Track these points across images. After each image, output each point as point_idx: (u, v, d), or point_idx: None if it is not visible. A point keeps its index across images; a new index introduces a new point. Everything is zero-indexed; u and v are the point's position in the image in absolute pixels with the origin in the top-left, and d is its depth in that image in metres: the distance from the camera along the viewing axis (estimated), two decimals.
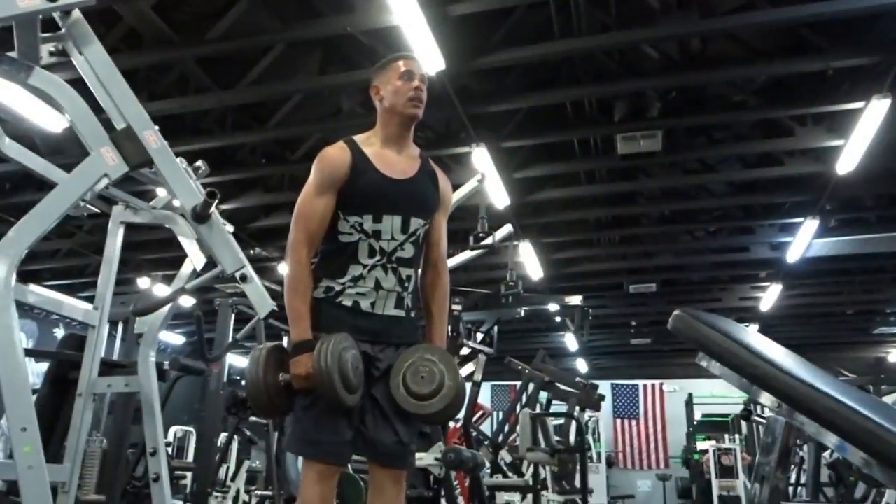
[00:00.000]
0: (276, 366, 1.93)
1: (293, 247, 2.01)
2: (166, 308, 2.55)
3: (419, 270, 2.15)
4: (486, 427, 10.41)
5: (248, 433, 6.51)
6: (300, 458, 2.06)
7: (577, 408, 7.23)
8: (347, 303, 2.01)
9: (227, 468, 6.52)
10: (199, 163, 2.61)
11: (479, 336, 5.82)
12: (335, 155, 2.07)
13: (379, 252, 2.03)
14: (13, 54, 1.98)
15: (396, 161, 2.10)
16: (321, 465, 1.91)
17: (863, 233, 7.53)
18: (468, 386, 5.60)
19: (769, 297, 10.01)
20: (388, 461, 2.00)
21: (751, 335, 1.34)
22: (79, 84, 2.01)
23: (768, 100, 5.56)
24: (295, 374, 1.88)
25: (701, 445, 12.09)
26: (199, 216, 2.04)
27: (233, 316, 4.99)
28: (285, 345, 2.04)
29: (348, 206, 2.03)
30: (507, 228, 4.92)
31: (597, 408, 7.66)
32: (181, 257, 2.68)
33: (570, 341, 12.39)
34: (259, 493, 5.52)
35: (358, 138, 2.14)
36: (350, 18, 4.30)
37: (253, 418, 5.46)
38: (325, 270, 2.04)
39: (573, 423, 7.24)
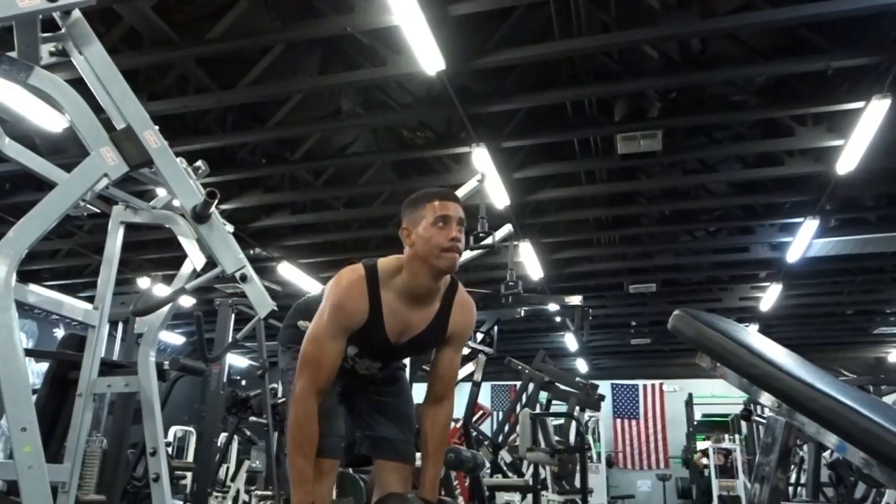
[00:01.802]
0: None
1: (301, 396, 1.87)
2: (166, 308, 2.55)
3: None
4: (486, 427, 10.42)
5: (248, 433, 6.52)
6: None
7: (577, 408, 7.24)
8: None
9: (227, 468, 6.53)
10: (199, 163, 2.61)
11: (479, 336, 5.82)
12: (354, 303, 1.91)
13: (352, 367, 2.10)
14: (13, 54, 1.98)
15: (409, 320, 1.97)
16: (319, 461, 1.93)
17: (863, 233, 7.52)
18: (468, 387, 5.62)
19: (769, 297, 10.01)
20: (395, 454, 2.06)
21: (751, 335, 1.34)
22: (79, 84, 2.01)
23: (768, 100, 5.56)
24: None
25: (701, 445, 12.09)
26: (199, 216, 2.04)
27: (233, 316, 4.99)
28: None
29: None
30: (507, 228, 4.92)
31: (597, 408, 7.67)
32: (181, 257, 2.68)
33: (570, 341, 12.39)
34: (259, 493, 5.53)
35: (382, 270, 1.94)
36: (350, 18, 4.29)
37: (253, 418, 5.46)
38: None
39: (573, 423, 7.24)
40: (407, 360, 2.33)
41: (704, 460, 11.44)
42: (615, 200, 7.67)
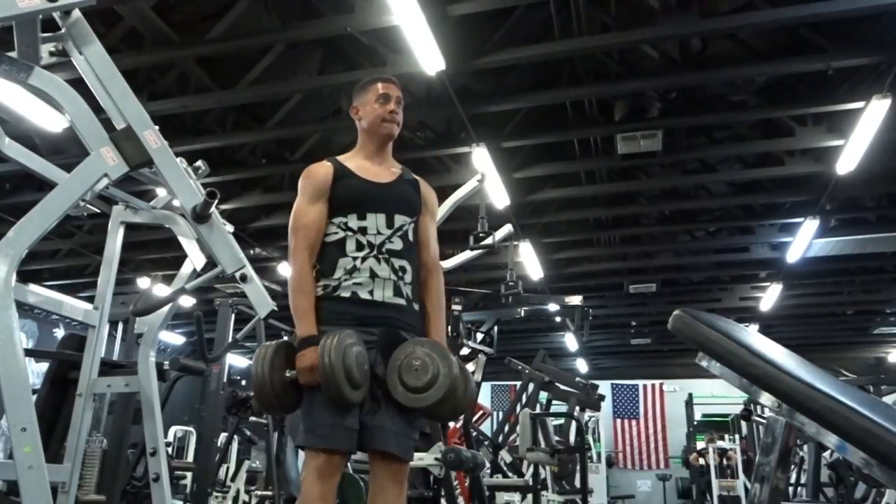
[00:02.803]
0: (283, 363, 1.93)
1: (294, 253, 2.06)
2: (166, 308, 2.55)
3: (415, 266, 2.15)
4: (486, 427, 10.42)
5: (248, 433, 6.52)
6: (300, 459, 2.06)
7: (577, 408, 7.24)
8: (346, 294, 2.02)
9: (227, 468, 6.53)
10: (199, 163, 2.61)
11: (479, 336, 5.82)
12: (317, 168, 2.17)
13: (367, 245, 2.07)
14: (13, 54, 1.98)
15: (377, 171, 2.20)
16: (322, 459, 1.89)
17: (863, 233, 7.53)
18: None
19: (769, 297, 10.01)
20: (391, 447, 1.95)
21: (751, 335, 1.34)
22: (79, 84, 2.01)
23: (768, 100, 5.56)
24: (300, 368, 1.90)
25: (700, 445, 12.09)
26: (199, 216, 2.04)
27: (233, 316, 4.99)
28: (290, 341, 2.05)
29: (333, 210, 2.11)
30: (507, 228, 4.91)
31: (597, 408, 7.67)
32: (181, 257, 2.68)
33: (570, 341, 12.40)
34: (259, 493, 5.52)
35: (339, 157, 2.23)
36: (350, 18, 4.29)
37: (253, 418, 5.46)
38: (317, 273, 2.07)
39: (573, 423, 7.24)
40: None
41: (701, 461, 11.44)
42: (615, 200, 7.67)
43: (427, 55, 4.32)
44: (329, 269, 2.05)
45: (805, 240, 7.52)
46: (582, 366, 14.83)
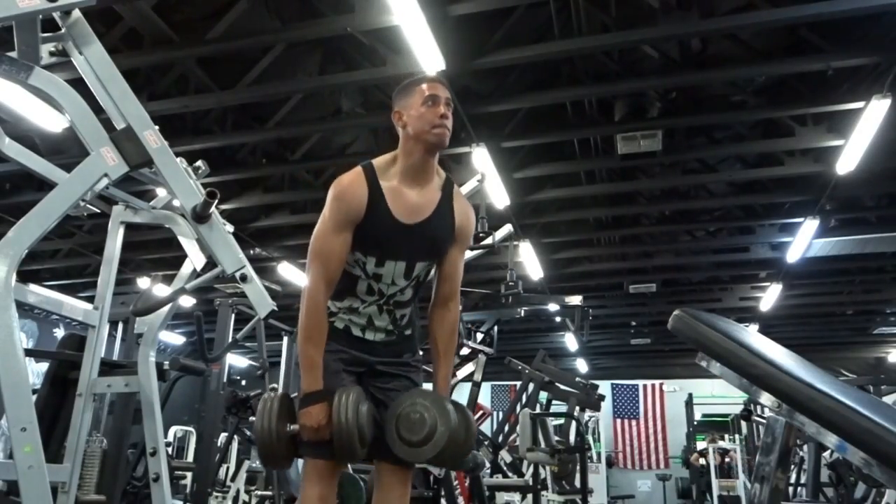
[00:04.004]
0: (286, 416, 1.89)
1: (311, 290, 1.92)
2: (166, 308, 2.55)
3: (415, 305, 2.13)
4: (486, 427, 10.42)
5: (248, 433, 6.51)
6: (300, 459, 2.05)
7: (577, 408, 7.23)
8: (339, 325, 2.03)
9: (227, 468, 6.53)
10: (199, 163, 2.61)
11: (479, 336, 5.82)
12: (353, 192, 1.96)
13: (377, 293, 2.03)
14: (13, 54, 1.98)
15: (413, 201, 1.99)
16: (322, 463, 1.91)
17: (863, 233, 7.53)
18: (468, 387, 5.62)
19: (769, 297, 10.01)
20: (396, 457, 1.96)
21: (751, 335, 1.34)
22: (79, 84, 2.01)
23: (768, 100, 5.56)
24: (306, 426, 1.85)
25: (700, 445, 12.10)
26: (199, 216, 2.03)
27: (233, 316, 4.99)
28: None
29: (356, 242, 1.98)
30: (507, 228, 4.92)
31: (597, 408, 7.66)
32: (181, 257, 2.68)
33: (570, 341, 12.39)
34: (259, 493, 5.52)
35: (378, 164, 2.01)
36: (350, 18, 4.29)
37: (253, 418, 5.46)
38: None
39: (573, 423, 7.24)
40: (411, 376, 2.25)
41: (702, 460, 11.44)
42: (615, 200, 7.67)
43: (427, 55, 4.32)
44: (337, 294, 2.02)
45: (805, 240, 7.52)
46: (582, 366, 14.83)
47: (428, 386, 2.10)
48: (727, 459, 10.91)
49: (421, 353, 2.20)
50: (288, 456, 1.93)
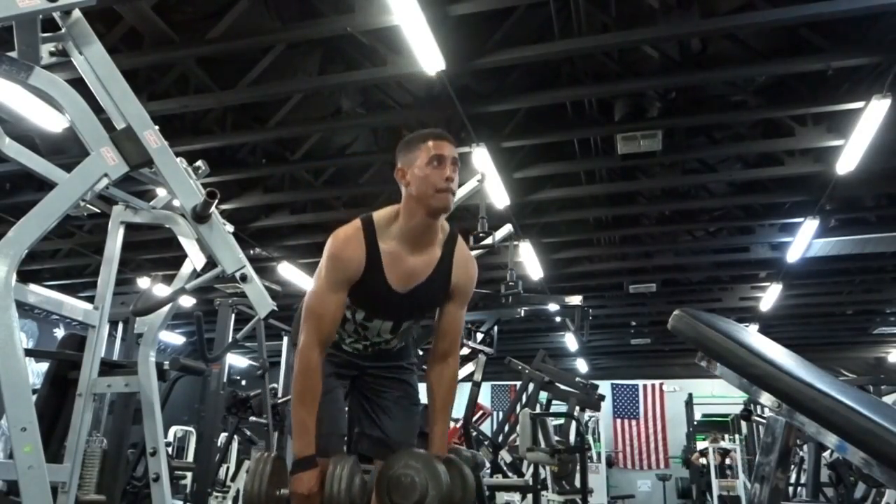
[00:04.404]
0: (277, 479, 1.87)
1: (304, 350, 1.88)
2: (166, 308, 2.55)
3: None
4: (486, 427, 10.42)
5: (248, 433, 6.52)
6: None
7: (577, 408, 7.23)
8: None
9: (227, 468, 6.53)
10: (199, 163, 2.61)
11: (479, 336, 5.82)
12: (351, 254, 1.92)
13: (364, 337, 2.08)
14: (13, 54, 1.98)
15: (410, 266, 1.95)
16: (321, 460, 1.91)
17: (863, 233, 7.53)
18: (468, 387, 5.63)
19: (769, 297, 10.01)
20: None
21: (751, 335, 1.34)
22: (79, 84, 2.01)
23: (768, 100, 5.56)
24: (295, 493, 1.82)
25: (701, 445, 12.10)
26: (199, 216, 2.03)
27: (233, 316, 4.99)
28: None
29: (348, 294, 1.97)
30: (507, 228, 4.91)
31: (597, 408, 7.66)
32: (181, 257, 2.68)
33: (570, 341, 12.40)
34: None
35: (378, 220, 1.97)
36: (350, 18, 4.29)
37: (253, 418, 5.46)
38: None
39: (573, 423, 7.24)
40: (412, 374, 2.27)
41: (703, 460, 11.45)
42: (615, 200, 7.67)
43: (427, 55, 4.32)
44: None
45: (805, 240, 7.52)
46: (582, 366, 14.82)
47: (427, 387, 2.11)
48: (727, 461, 10.90)
49: (420, 352, 2.22)
50: None
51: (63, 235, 8.02)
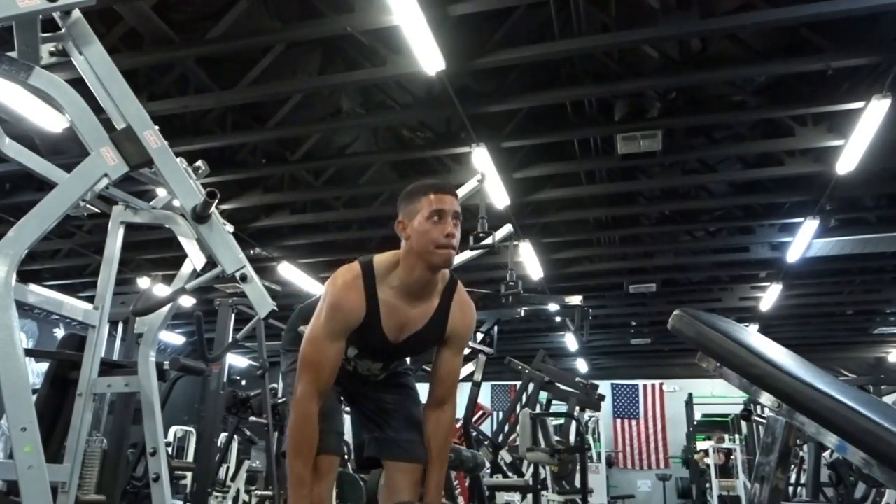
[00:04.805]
0: None
1: (301, 400, 1.85)
2: (166, 308, 2.55)
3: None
4: (486, 427, 10.42)
5: (248, 433, 6.52)
6: None
7: (577, 408, 7.23)
8: None
9: (227, 468, 6.53)
10: (199, 163, 2.61)
11: (479, 336, 5.82)
12: (351, 305, 1.88)
13: (353, 368, 2.09)
14: (13, 54, 1.98)
15: (407, 317, 1.94)
16: (317, 460, 1.92)
17: (863, 233, 7.52)
18: (468, 387, 5.62)
19: (769, 297, 10.01)
20: (404, 454, 2.04)
21: (751, 335, 1.34)
22: (79, 84, 2.01)
23: (768, 100, 5.56)
24: None
25: (701, 445, 12.10)
26: (199, 216, 2.03)
27: (233, 316, 4.99)
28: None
29: None
30: (507, 228, 4.91)
31: (597, 408, 7.66)
32: (181, 257, 2.67)
33: (570, 341, 12.40)
34: (259, 493, 5.53)
35: (378, 266, 1.92)
36: (350, 18, 4.29)
37: (253, 418, 5.46)
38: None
39: (573, 423, 7.24)
40: (410, 363, 2.30)
41: (707, 460, 11.45)
42: (615, 200, 7.67)
43: (427, 55, 4.32)
44: None
45: (805, 240, 7.52)
46: (582, 366, 14.82)
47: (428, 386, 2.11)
48: (730, 459, 10.90)
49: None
50: None
51: (63, 235, 8.01)
